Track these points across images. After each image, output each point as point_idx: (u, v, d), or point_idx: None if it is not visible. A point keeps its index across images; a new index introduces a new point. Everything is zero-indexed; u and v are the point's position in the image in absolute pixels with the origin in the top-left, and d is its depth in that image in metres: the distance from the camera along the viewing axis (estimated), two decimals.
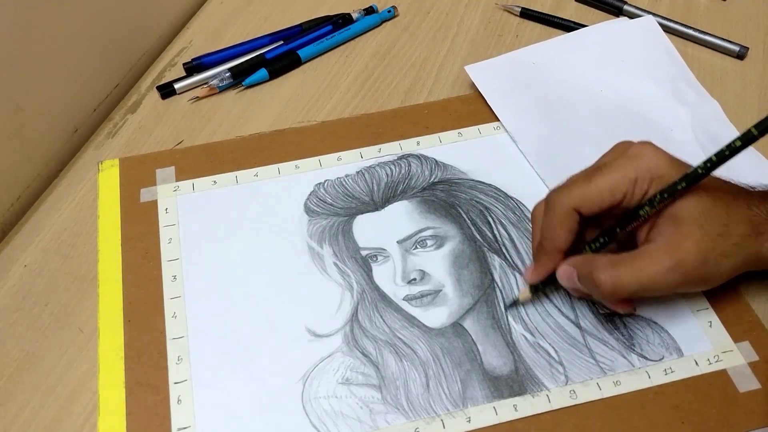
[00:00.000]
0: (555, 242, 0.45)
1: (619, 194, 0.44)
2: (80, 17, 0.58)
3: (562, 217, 0.45)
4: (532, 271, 0.47)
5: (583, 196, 0.44)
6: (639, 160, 0.44)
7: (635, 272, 0.42)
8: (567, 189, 0.45)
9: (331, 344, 0.46)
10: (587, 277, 0.44)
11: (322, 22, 0.69)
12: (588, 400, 0.44)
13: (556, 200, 0.45)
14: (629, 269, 0.42)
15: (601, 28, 0.67)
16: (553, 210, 0.45)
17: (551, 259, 0.46)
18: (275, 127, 0.60)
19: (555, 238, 0.45)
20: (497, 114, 0.59)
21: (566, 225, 0.45)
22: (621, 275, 0.42)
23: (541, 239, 0.46)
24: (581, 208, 0.44)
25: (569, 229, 0.45)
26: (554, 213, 0.45)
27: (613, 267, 0.43)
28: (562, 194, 0.45)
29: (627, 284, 0.42)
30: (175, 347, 0.46)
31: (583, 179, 0.45)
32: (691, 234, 0.42)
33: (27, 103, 0.54)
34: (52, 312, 0.49)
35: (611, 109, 0.60)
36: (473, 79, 0.62)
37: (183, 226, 0.53)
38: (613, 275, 0.42)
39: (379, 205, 0.53)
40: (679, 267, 0.42)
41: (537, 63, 0.63)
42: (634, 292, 0.43)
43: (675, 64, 0.64)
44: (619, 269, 0.42)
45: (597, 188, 0.44)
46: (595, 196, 0.44)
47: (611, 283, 0.42)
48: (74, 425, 0.44)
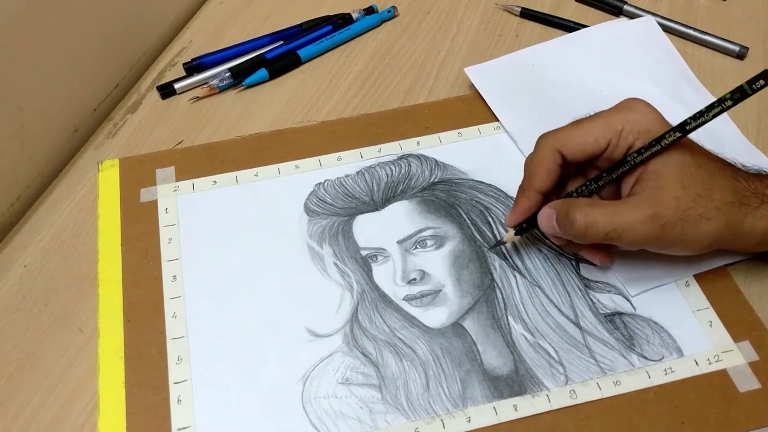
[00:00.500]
0: (534, 180, 0.46)
1: (603, 141, 0.45)
2: (80, 17, 0.58)
3: (543, 156, 0.46)
4: (511, 212, 0.48)
5: (567, 138, 0.46)
6: (628, 112, 0.46)
7: (611, 215, 0.43)
8: (554, 131, 0.47)
9: (331, 344, 0.46)
10: (563, 216, 0.44)
11: (322, 22, 0.69)
12: (588, 400, 0.44)
13: (541, 140, 0.47)
14: (606, 212, 0.43)
15: (601, 28, 0.67)
16: (537, 149, 0.47)
17: (529, 197, 0.47)
18: (275, 127, 0.60)
19: (534, 175, 0.46)
20: (497, 115, 0.59)
21: (546, 164, 0.46)
22: (596, 215, 0.43)
23: (523, 179, 0.47)
24: (564, 149, 0.46)
25: (549, 169, 0.46)
26: (538, 152, 0.47)
27: (590, 207, 0.44)
28: (548, 135, 0.47)
29: (600, 225, 0.43)
30: (175, 347, 0.46)
31: (572, 124, 0.47)
32: (672, 189, 0.43)
33: (27, 103, 0.54)
34: (52, 312, 0.49)
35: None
36: (473, 81, 0.62)
37: (183, 226, 0.53)
38: (588, 213, 0.43)
39: (379, 205, 0.54)
40: (656, 219, 0.42)
41: (536, 64, 0.63)
42: (606, 235, 0.43)
43: (675, 64, 0.64)
44: (594, 209, 0.43)
45: (582, 132, 0.46)
46: (579, 139, 0.45)
47: (584, 221, 0.43)
48: (74, 425, 0.44)
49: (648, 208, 0.43)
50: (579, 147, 0.46)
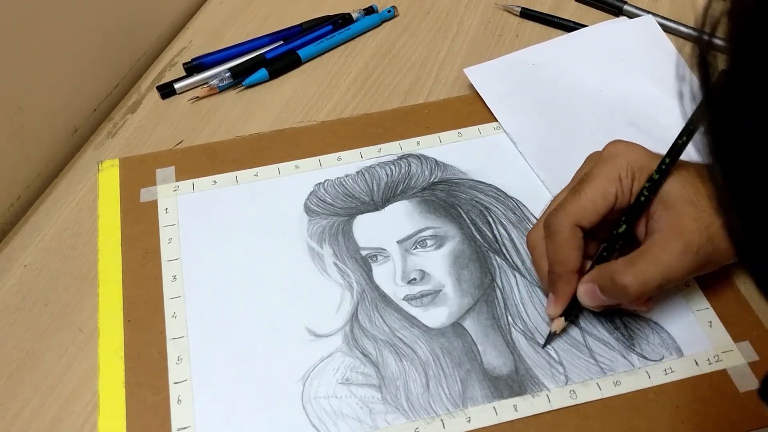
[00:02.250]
0: (567, 264, 0.44)
1: (610, 196, 0.44)
2: (80, 17, 0.58)
3: (567, 237, 0.44)
4: (553, 302, 0.46)
5: (579, 209, 0.44)
6: (616, 159, 0.45)
7: (654, 264, 0.42)
8: (561, 209, 0.45)
9: (331, 344, 0.46)
10: (609, 286, 0.43)
11: (322, 22, 0.69)
12: (588, 400, 0.44)
13: (555, 223, 0.45)
14: (647, 263, 0.42)
15: (601, 28, 0.67)
16: (556, 233, 0.44)
17: (568, 281, 0.45)
18: (275, 127, 0.60)
19: (566, 260, 0.44)
20: (496, 116, 0.59)
21: (573, 243, 0.44)
22: (643, 271, 0.42)
23: (551, 266, 0.45)
24: (581, 221, 0.44)
25: (577, 247, 0.44)
26: (558, 235, 0.44)
27: (632, 266, 0.42)
28: (559, 215, 0.44)
29: (651, 278, 0.42)
30: (175, 347, 0.46)
31: (571, 195, 0.45)
32: (687, 212, 0.42)
33: (27, 103, 0.54)
34: (52, 312, 0.49)
35: (611, 109, 0.60)
36: (472, 82, 0.62)
37: (183, 226, 0.53)
38: (636, 274, 0.42)
39: (379, 205, 0.53)
40: (689, 247, 0.41)
41: (536, 64, 0.63)
42: (659, 285, 0.42)
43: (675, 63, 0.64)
44: (638, 266, 0.42)
45: (588, 198, 0.44)
46: (590, 205, 0.44)
47: (637, 282, 0.42)
48: (74, 425, 0.44)
49: (677, 241, 0.42)
50: (593, 213, 0.44)
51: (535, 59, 0.64)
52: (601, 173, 0.45)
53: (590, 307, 0.45)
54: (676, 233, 0.42)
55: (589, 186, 0.44)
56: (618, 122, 0.59)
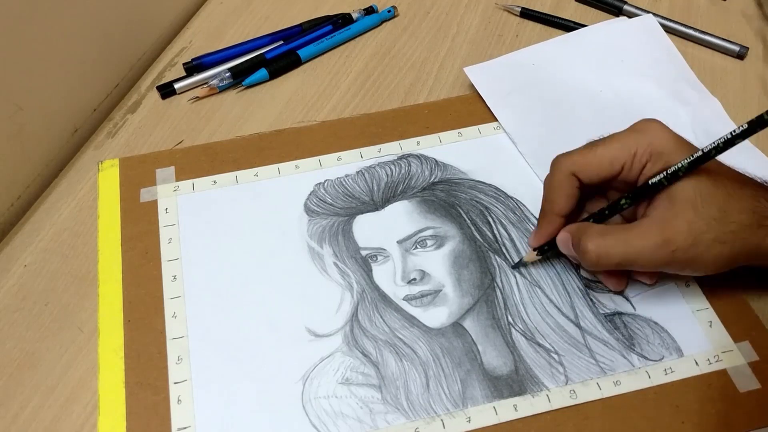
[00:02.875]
0: (553, 205, 0.47)
1: (617, 165, 0.45)
2: (80, 17, 0.58)
3: (560, 181, 0.46)
4: (533, 234, 0.48)
5: (582, 161, 0.46)
6: (641, 134, 0.45)
7: (622, 243, 0.43)
8: (569, 154, 0.47)
9: (331, 344, 0.46)
10: (576, 243, 0.45)
11: (322, 22, 0.69)
12: (588, 400, 0.44)
13: (556, 164, 0.47)
14: (616, 240, 0.43)
15: (601, 27, 0.67)
16: (554, 173, 0.47)
17: (550, 222, 0.47)
18: (275, 127, 0.60)
19: (553, 200, 0.47)
20: (496, 116, 0.59)
21: (564, 189, 0.46)
22: (607, 245, 0.43)
23: (543, 202, 0.48)
24: (579, 173, 0.46)
25: (567, 194, 0.46)
26: (554, 176, 0.47)
27: (601, 236, 0.44)
28: (564, 159, 0.47)
29: (612, 254, 0.43)
30: (175, 347, 0.46)
31: (586, 147, 0.47)
32: (684, 213, 0.42)
33: (27, 103, 0.54)
34: (52, 312, 0.49)
35: (611, 109, 0.60)
36: (472, 81, 0.62)
37: (183, 226, 0.53)
38: (600, 244, 0.43)
39: (379, 205, 0.54)
40: (668, 244, 0.42)
41: (536, 64, 0.63)
42: (618, 263, 0.43)
43: (675, 63, 0.64)
44: (606, 238, 0.43)
45: (596, 156, 0.46)
46: (594, 163, 0.46)
47: (596, 252, 0.43)
48: (74, 425, 0.44)
49: (659, 234, 0.42)
50: (594, 171, 0.46)
51: (535, 59, 0.64)
52: (621, 140, 0.46)
53: (565, 253, 0.47)
54: (661, 226, 0.43)
55: (603, 146, 0.46)
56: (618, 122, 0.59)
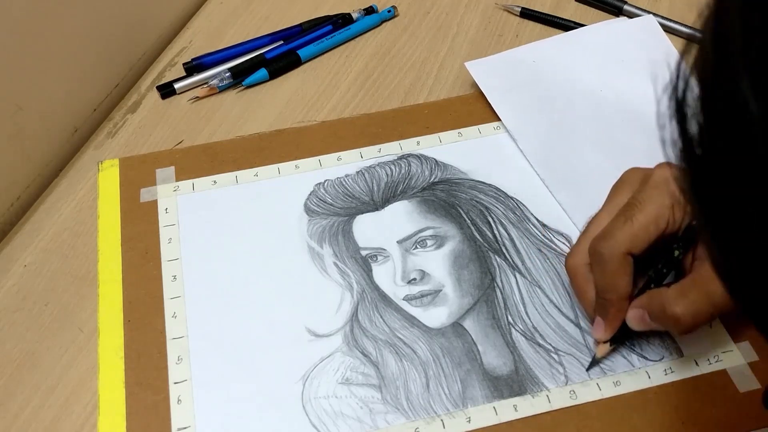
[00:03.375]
0: (620, 292, 0.43)
1: (662, 224, 0.43)
2: (80, 17, 0.58)
3: (618, 266, 0.43)
4: (603, 327, 0.45)
5: (631, 237, 0.43)
6: (669, 185, 0.43)
7: (706, 295, 0.40)
8: (611, 236, 0.43)
9: (331, 344, 0.46)
10: (660, 314, 0.42)
11: (322, 22, 0.69)
12: (588, 400, 0.44)
13: (605, 251, 0.43)
14: (699, 294, 0.41)
15: (602, 27, 0.67)
16: (607, 261, 0.43)
17: (620, 309, 0.44)
18: (275, 127, 0.60)
19: (619, 288, 0.43)
20: (497, 111, 0.59)
21: (625, 271, 0.43)
22: (695, 302, 0.41)
23: (602, 293, 0.44)
24: (633, 249, 0.43)
25: (629, 274, 0.43)
26: (609, 264, 0.43)
27: (683, 296, 0.41)
28: (610, 243, 0.43)
29: (704, 310, 0.41)
30: (175, 347, 0.46)
31: (622, 222, 0.43)
32: None
33: (27, 103, 0.54)
34: (52, 312, 0.49)
35: (611, 108, 0.60)
36: (473, 76, 0.61)
37: (183, 226, 0.53)
38: (688, 305, 0.41)
39: (379, 205, 0.53)
40: None
41: (537, 61, 0.63)
42: (711, 315, 0.41)
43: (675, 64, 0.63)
44: (690, 297, 0.41)
45: (641, 225, 0.43)
46: (642, 233, 0.43)
47: (689, 313, 0.41)
48: (74, 425, 0.44)
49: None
50: (645, 241, 0.43)
51: (535, 56, 0.64)
52: (654, 200, 0.43)
53: (639, 330, 0.44)
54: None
55: (641, 213, 0.43)
56: (618, 122, 0.59)
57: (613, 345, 0.45)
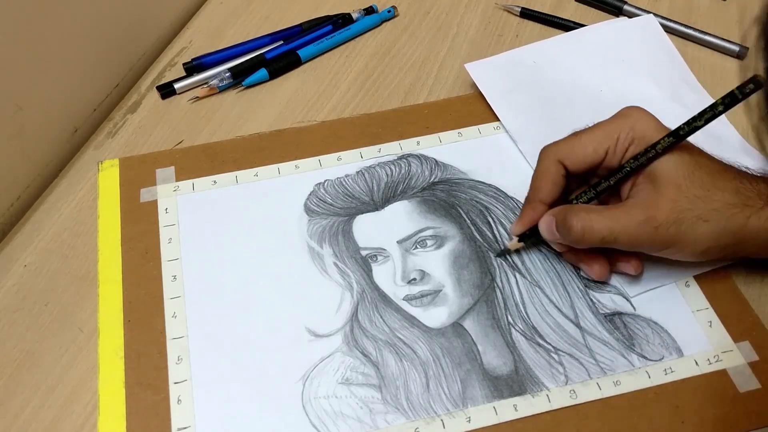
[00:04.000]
0: (538, 192, 0.48)
1: (601, 150, 0.46)
2: (80, 17, 0.58)
3: (546, 168, 0.48)
4: (516, 221, 0.49)
5: (568, 149, 0.47)
6: (624, 119, 0.47)
7: (606, 220, 0.44)
8: (555, 143, 0.48)
9: (331, 344, 0.46)
10: (562, 222, 0.45)
11: (322, 22, 0.69)
12: (588, 400, 0.44)
13: (543, 153, 0.48)
14: (601, 216, 0.44)
15: (602, 27, 0.67)
16: (540, 161, 0.48)
17: (534, 208, 0.48)
18: (275, 127, 0.60)
19: (539, 188, 0.48)
20: (497, 112, 0.59)
21: (550, 176, 0.47)
22: (592, 220, 0.44)
23: (529, 191, 0.49)
24: (565, 160, 0.47)
25: (553, 181, 0.47)
26: (540, 164, 0.48)
27: (586, 212, 0.45)
28: (550, 147, 0.48)
29: (597, 229, 0.44)
30: (175, 347, 0.46)
31: (571, 135, 0.48)
32: (667, 192, 0.43)
33: (27, 103, 0.54)
34: (52, 312, 0.49)
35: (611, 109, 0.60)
36: (473, 77, 0.61)
37: (183, 226, 0.53)
38: (585, 219, 0.44)
39: (379, 205, 0.54)
40: (651, 221, 0.43)
41: (537, 62, 0.63)
42: (603, 239, 0.44)
43: (675, 64, 0.64)
44: (591, 215, 0.45)
45: (581, 143, 0.47)
46: (579, 150, 0.47)
47: (581, 226, 0.44)
48: (74, 425, 0.44)
49: (642, 211, 0.43)
50: (579, 157, 0.47)
51: (535, 57, 0.64)
52: (604, 128, 0.47)
53: (546, 238, 0.48)
54: (645, 204, 0.44)
55: (587, 134, 0.47)
56: None
57: (521, 242, 0.49)
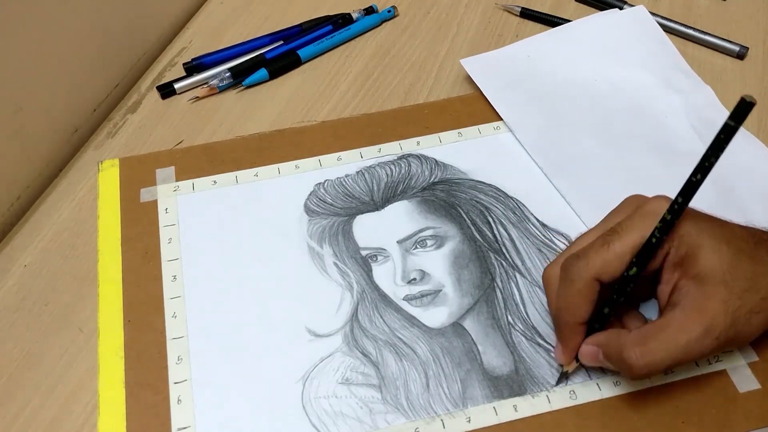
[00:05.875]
0: (576, 317, 0.42)
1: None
2: (80, 17, 0.58)
3: (582, 289, 0.41)
4: (562, 352, 0.44)
5: (603, 263, 0.41)
6: (656, 217, 0.40)
7: (665, 345, 0.39)
8: (585, 257, 0.41)
9: (331, 344, 0.46)
10: (615, 356, 0.40)
11: (322, 22, 0.69)
12: (588, 400, 0.44)
13: (574, 271, 0.41)
14: (659, 343, 0.39)
15: (594, 19, 0.68)
16: (572, 281, 0.41)
17: (576, 332, 0.43)
18: (275, 127, 0.60)
19: (576, 312, 0.42)
20: (495, 106, 0.60)
21: (587, 296, 0.41)
22: (652, 351, 0.39)
23: (559, 311, 0.43)
24: (602, 276, 0.41)
25: (591, 301, 0.41)
26: (573, 284, 0.41)
27: (642, 344, 0.39)
28: (581, 264, 0.41)
29: (659, 360, 0.39)
30: (175, 347, 0.46)
31: (600, 245, 0.41)
32: (717, 293, 0.39)
33: (27, 103, 0.54)
34: (52, 312, 0.49)
35: (606, 98, 0.61)
36: (469, 72, 0.62)
37: (183, 226, 0.53)
38: (644, 352, 0.39)
39: (379, 205, 0.54)
40: (710, 332, 0.39)
41: (531, 56, 0.64)
42: (667, 366, 0.40)
43: (667, 52, 0.64)
44: (648, 345, 0.39)
45: (617, 254, 0.41)
46: (615, 261, 0.41)
47: (644, 362, 0.39)
48: (74, 425, 0.44)
49: (698, 324, 0.39)
50: (617, 270, 0.41)
51: (529, 51, 0.65)
52: (637, 229, 0.41)
53: (589, 365, 0.44)
54: (699, 314, 0.39)
55: (620, 240, 0.41)
56: (614, 111, 0.60)
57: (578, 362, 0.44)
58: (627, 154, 0.56)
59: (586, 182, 0.55)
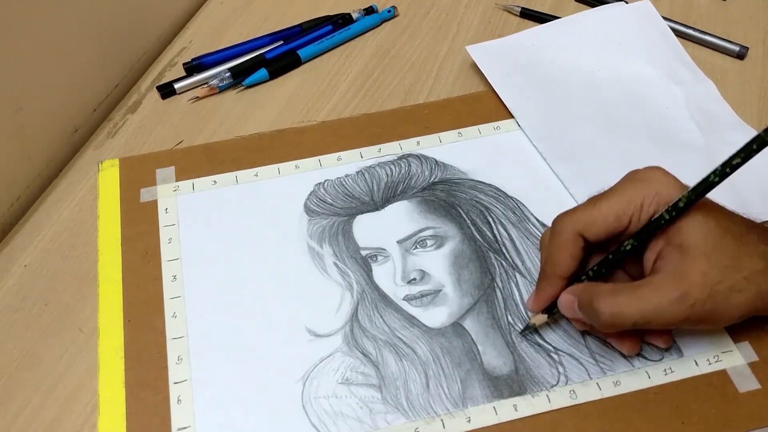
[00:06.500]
0: (557, 267, 0.44)
1: (625, 219, 0.43)
2: (80, 17, 0.58)
3: (565, 242, 0.43)
4: (533, 298, 0.46)
5: (587, 219, 0.43)
6: (646, 184, 0.42)
7: (637, 301, 0.40)
8: (571, 213, 0.44)
9: (331, 344, 0.46)
10: (587, 305, 0.42)
11: (322, 22, 0.69)
12: (588, 400, 0.44)
13: (560, 224, 0.44)
14: (631, 298, 0.40)
15: (599, 11, 0.68)
16: (557, 234, 0.44)
17: (552, 284, 0.44)
18: (275, 127, 0.60)
19: (557, 262, 0.44)
20: (497, 92, 0.61)
21: (569, 249, 0.43)
22: (621, 304, 0.40)
23: (543, 264, 0.45)
24: (585, 232, 0.43)
25: (572, 254, 0.43)
26: (558, 237, 0.44)
27: (613, 295, 0.41)
28: (566, 218, 0.44)
29: (627, 314, 0.40)
30: (175, 347, 0.46)
31: (589, 203, 0.44)
32: (698, 264, 0.40)
33: (27, 103, 0.54)
34: (52, 312, 0.49)
35: (608, 88, 0.62)
36: (474, 59, 0.63)
37: (183, 226, 0.53)
38: (613, 303, 0.40)
39: (379, 205, 0.54)
40: (685, 299, 0.39)
41: (537, 44, 0.65)
42: (635, 323, 0.40)
43: (670, 45, 0.65)
44: (619, 298, 0.41)
45: (602, 212, 0.43)
46: (600, 220, 0.43)
47: (610, 311, 0.40)
48: (74, 425, 0.44)
49: (675, 288, 0.40)
50: (601, 228, 0.43)
51: (534, 40, 0.66)
52: (626, 193, 0.43)
53: (567, 317, 0.45)
54: (676, 280, 0.40)
55: (607, 201, 0.43)
56: (615, 101, 0.61)
57: (546, 313, 0.46)
58: (627, 143, 0.57)
59: (586, 169, 0.55)
